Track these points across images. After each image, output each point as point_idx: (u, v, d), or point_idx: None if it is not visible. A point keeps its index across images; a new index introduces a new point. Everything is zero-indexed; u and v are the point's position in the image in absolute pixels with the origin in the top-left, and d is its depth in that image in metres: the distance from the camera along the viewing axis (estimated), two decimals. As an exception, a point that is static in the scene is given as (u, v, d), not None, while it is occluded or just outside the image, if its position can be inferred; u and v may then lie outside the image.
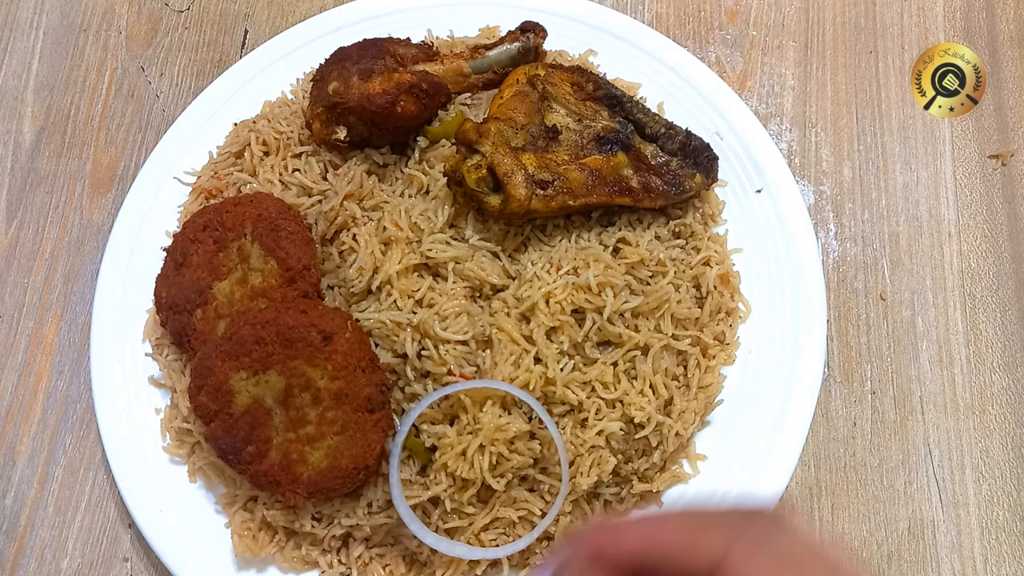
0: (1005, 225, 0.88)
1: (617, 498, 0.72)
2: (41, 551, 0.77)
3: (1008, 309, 0.84)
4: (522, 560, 0.71)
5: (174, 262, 0.74)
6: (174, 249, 0.74)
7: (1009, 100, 0.93)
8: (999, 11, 0.97)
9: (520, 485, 0.69)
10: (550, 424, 0.68)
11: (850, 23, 0.97)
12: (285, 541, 0.71)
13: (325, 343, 0.65)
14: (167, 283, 0.74)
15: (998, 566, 0.76)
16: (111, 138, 0.93)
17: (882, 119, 0.92)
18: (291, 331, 0.65)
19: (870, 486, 0.78)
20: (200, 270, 0.71)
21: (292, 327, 0.65)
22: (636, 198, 0.74)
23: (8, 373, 0.83)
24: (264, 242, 0.70)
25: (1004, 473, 0.79)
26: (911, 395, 0.81)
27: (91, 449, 0.80)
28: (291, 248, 0.69)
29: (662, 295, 0.73)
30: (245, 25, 0.98)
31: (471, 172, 0.70)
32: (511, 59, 0.81)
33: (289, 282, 0.69)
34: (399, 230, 0.73)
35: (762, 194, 0.83)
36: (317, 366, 0.66)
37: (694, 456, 0.75)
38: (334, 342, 0.65)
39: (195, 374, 0.68)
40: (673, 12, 0.97)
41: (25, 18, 0.99)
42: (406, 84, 0.73)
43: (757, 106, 0.93)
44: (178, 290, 0.71)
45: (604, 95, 0.79)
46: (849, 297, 0.85)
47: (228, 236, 0.71)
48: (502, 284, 0.72)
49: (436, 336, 0.68)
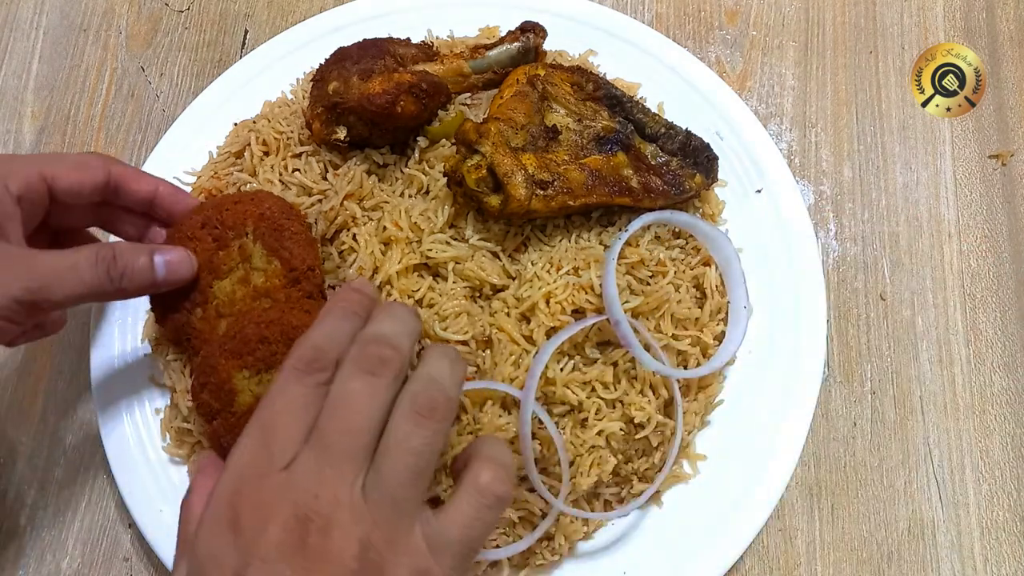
0: (1005, 225, 0.88)
1: (617, 498, 0.72)
2: (41, 551, 0.77)
3: (1008, 309, 0.85)
4: (522, 560, 0.71)
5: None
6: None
7: (1009, 100, 0.93)
8: (999, 11, 0.97)
9: (520, 485, 0.69)
10: (550, 424, 0.68)
11: (850, 23, 0.97)
12: (285, 541, 0.71)
13: None
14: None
15: (998, 566, 0.76)
16: (111, 138, 0.93)
17: (882, 119, 0.92)
18: (295, 331, 0.65)
19: (870, 486, 0.78)
20: (199, 269, 0.70)
21: (296, 327, 0.65)
22: (636, 198, 0.74)
23: (8, 373, 0.83)
24: (267, 242, 0.69)
25: (1004, 473, 0.79)
26: (911, 395, 0.81)
27: (91, 449, 0.80)
28: (295, 248, 0.69)
29: (662, 295, 0.73)
30: (245, 25, 0.98)
31: (471, 172, 0.70)
32: (511, 59, 0.81)
33: (293, 283, 0.68)
34: (399, 230, 0.73)
35: (762, 194, 0.83)
36: None
37: (694, 456, 0.75)
38: None
39: (198, 372, 0.68)
40: (673, 12, 0.97)
41: (25, 18, 0.99)
42: (406, 84, 0.73)
43: (757, 106, 0.93)
44: (176, 289, 0.70)
45: (604, 95, 0.79)
46: (849, 297, 0.85)
47: (228, 235, 0.70)
48: (502, 284, 0.72)
49: (436, 336, 0.68)
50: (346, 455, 0.46)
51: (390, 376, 0.49)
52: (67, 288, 0.60)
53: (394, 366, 0.49)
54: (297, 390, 0.48)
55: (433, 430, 0.48)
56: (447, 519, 0.48)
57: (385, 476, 0.46)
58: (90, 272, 0.61)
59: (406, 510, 0.46)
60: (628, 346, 0.68)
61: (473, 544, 0.48)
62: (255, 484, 0.46)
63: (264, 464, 0.46)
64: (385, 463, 0.46)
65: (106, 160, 0.68)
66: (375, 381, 0.48)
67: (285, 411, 0.48)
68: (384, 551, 0.45)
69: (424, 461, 0.47)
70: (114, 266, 0.62)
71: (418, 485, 0.47)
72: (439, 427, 0.48)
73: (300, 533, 0.44)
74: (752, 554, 0.76)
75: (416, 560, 0.46)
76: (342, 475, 0.45)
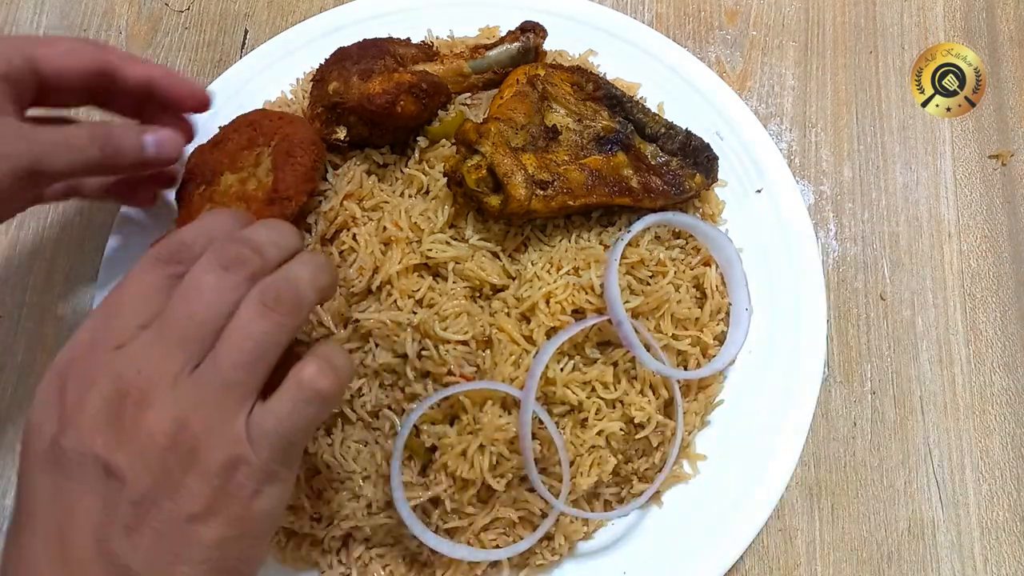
0: (1005, 225, 0.88)
1: (617, 498, 0.72)
2: (41, 551, 0.77)
3: (1008, 309, 0.85)
4: (522, 560, 0.71)
5: (215, 139, 0.78)
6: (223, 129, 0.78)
7: (1009, 100, 0.93)
8: (999, 11, 0.97)
9: (520, 485, 0.69)
10: (550, 424, 0.68)
11: (850, 23, 0.97)
12: (285, 542, 0.72)
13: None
14: (200, 152, 0.78)
15: (998, 566, 0.76)
16: (111, 138, 0.93)
17: (882, 119, 0.92)
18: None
19: (870, 486, 0.78)
20: (225, 155, 0.75)
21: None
22: (636, 198, 0.74)
23: (8, 373, 0.83)
24: (276, 159, 0.72)
25: (1004, 473, 0.79)
26: (911, 395, 0.81)
27: (91, 449, 0.80)
28: (289, 176, 0.71)
29: (662, 295, 0.73)
30: (245, 25, 0.98)
31: (471, 172, 0.70)
32: (511, 59, 0.81)
33: (271, 203, 0.71)
34: (399, 230, 0.73)
35: (762, 194, 0.83)
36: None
37: (694, 456, 0.75)
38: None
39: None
40: (673, 12, 0.97)
41: (25, 18, 0.99)
42: (406, 84, 0.73)
43: (757, 106, 0.93)
44: (203, 162, 0.76)
45: (604, 95, 0.79)
46: (849, 297, 0.85)
47: (259, 140, 0.75)
48: (502, 284, 0.72)
49: (436, 336, 0.68)
50: (180, 340, 0.47)
51: (244, 274, 0.49)
52: (64, 159, 0.63)
53: (251, 266, 0.50)
54: (150, 278, 0.50)
55: (276, 322, 0.48)
56: (267, 410, 0.48)
57: (219, 359, 0.47)
58: (86, 145, 0.64)
59: (233, 396, 0.47)
60: (630, 346, 0.68)
61: (292, 437, 0.49)
62: (86, 358, 0.47)
63: (100, 341, 0.48)
64: (221, 347, 0.47)
65: (98, 48, 0.68)
66: (226, 276, 0.49)
67: (133, 295, 0.49)
68: (200, 433, 0.45)
69: (261, 350, 0.48)
70: (108, 142, 0.65)
71: (252, 372, 0.47)
72: (283, 320, 0.49)
73: (116, 405, 0.45)
74: (752, 554, 0.76)
75: (232, 447, 0.46)
76: (171, 356, 0.47)
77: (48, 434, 0.45)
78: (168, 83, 0.71)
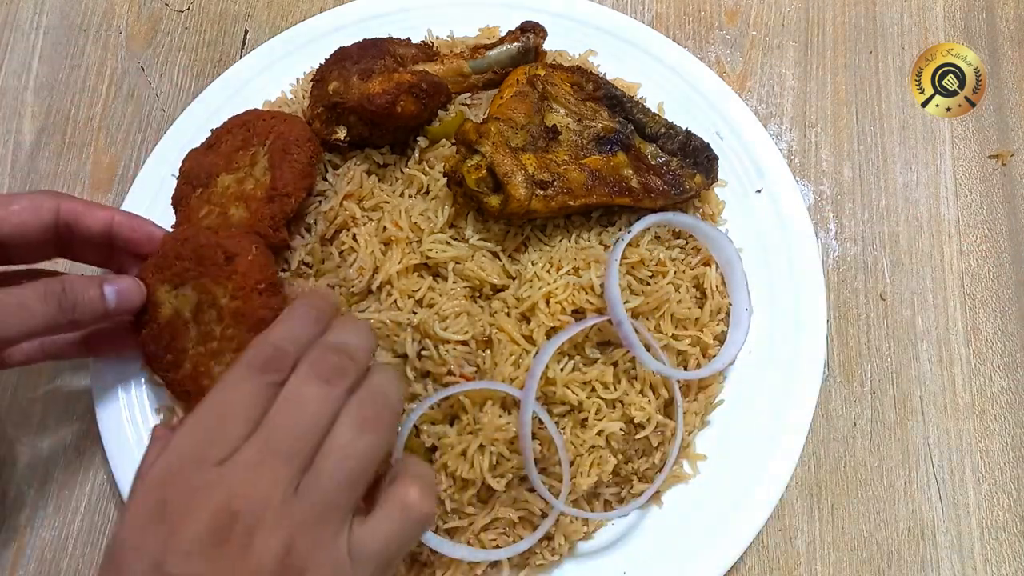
0: (1005, 225, 0.88)
1: (617, 498, 0.72)
2: (41, 551, 0.77)
3: (1008, 309, 0.85)
4: (522, 560, 0.71)
5: (208, 142, 0.78)
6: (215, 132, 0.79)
7: (1009, 100, 0.93)
8: (999, 11, 0.97)
9: (520, 485, 0.69)
10: (550, 424, 0.68)
11: (850, 23, 0.97)
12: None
13: (228, 263, 0.67)
14: (193, 155, 0.78)
15: (998, 566, 0.76)
16: (111, 138, 0.93)
17: (882, 119, 0.92)
18: (202, 249, 0.68)
19: (870, 486, 0.78)
20: (220, 157, 0.75)
21: (203, 246, 0.68)
22: (636, 198, 0.74)
23: (8, 373, 0.83)
24: (272, 158, 0.72)
25: (1004, 473, 0.79)
26: (911, 395, 0.81)
27: (91, 449, 0.80)
28: (287, 173, 0.71)
29: (662, 295, 0.73)
30: (245, 25, 0.98)
31: (471, 172, 0.70)
32: (511, 59, 0.81)
33: (270, 200, 0.71)
34: (399, 230, 0.73)
35: (762, 194, 0.83)
36: (220, 285, 0.68)
37: (694, 456, 0.75)
38: (236, 263, 0.67)
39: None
40: (673, 12, 0.97)
41: (25, 18, 0.99)
42: (406, 84, 0.73)
43: (757, 106, 0.93)
44: (198, 166, 0.76)
45: (604, 95, 0.79)
46: (849, 297, 0.85)
47: (253, 140, 0.75)
48: (502, 284, 0.72)
49: (436, 336, 0.68)
50: (285, 456, 0.46)
51: (343, 387, 0.49)
52: (18, 325, 0.60)
53: (349, 378, 0.50)
54: (249, 386, 0.48)
55: (376, 438, 0.48)
56: (372, 531, 0.48)
57: (321, 478, 0.46)
58: (41, 307, 0.61)
59: (335, 515, 0.46)
60: (630, 346, 0.68)
61: (393, 558, 0.49)
62: (188, 473, 0.45)
63: (202, 454, 0.46)
64: (323, 465, 0.46)
65: (55, 198, 0.67)
66: (329, 390, 0.48)
67: (233, 405, 0.48)
68: (306, 556, 0.44)
69: (361, 468, 0.47)
70: (64, 299, 0.63)
71: (352, 490, 0.47)
72: (382, 437, 0.49)
73: (225, 529, 0.43)
74: (752, 554, 0.76)
75: (337, 568, 0.46)
76: (277, 475, 0.45)
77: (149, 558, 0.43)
78: (127, 226, 0.70)
